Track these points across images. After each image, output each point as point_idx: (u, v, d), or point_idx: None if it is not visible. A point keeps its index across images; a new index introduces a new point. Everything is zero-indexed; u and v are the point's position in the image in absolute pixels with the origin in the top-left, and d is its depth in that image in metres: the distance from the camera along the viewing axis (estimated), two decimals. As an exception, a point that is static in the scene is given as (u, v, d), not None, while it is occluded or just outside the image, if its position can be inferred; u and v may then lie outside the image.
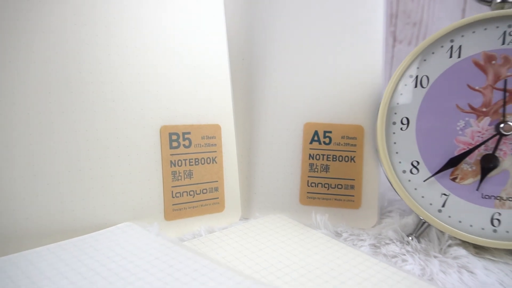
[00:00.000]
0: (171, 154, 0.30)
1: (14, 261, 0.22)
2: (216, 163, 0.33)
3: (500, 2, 0.29)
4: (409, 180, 0.29)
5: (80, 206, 0.27)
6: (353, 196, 0.34)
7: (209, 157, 0.32)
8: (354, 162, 0.34)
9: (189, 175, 0.31)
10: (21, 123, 0.25)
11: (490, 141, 0.27)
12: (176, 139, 0.31)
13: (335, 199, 0.34)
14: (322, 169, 0.34)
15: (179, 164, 0.31)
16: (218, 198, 0.33)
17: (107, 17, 0.28)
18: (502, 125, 0.27)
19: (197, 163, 0.32)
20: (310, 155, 0.34)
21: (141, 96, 0.29)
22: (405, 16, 0.63)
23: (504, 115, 0.27)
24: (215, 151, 0.33)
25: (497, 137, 0.27)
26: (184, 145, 0.31)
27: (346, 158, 0.34)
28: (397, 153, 0.30)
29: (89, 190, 0.27)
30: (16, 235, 0.25)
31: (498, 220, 0.27)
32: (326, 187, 0.34)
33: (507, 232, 0.27)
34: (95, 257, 0.23)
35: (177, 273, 0.21)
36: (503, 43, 0.27)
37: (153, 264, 0.22)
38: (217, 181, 0.33)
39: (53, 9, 0.26)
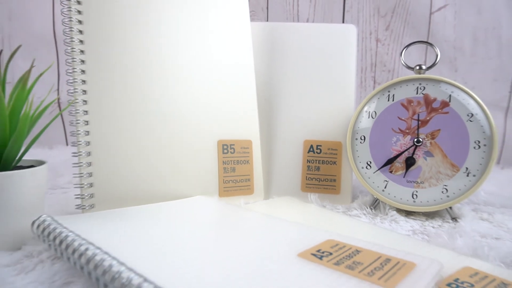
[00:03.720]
0: (223, 157, 0.49)
1: (131, 212, 0.40)
2: (249, 163, 0.52)
3: (418, 69, 0.48)
4: (366, 173, 0.48)
5: (172, 184, 0.46)
6: (335, 186, 0.52)
7: (244, 160, 0.51)
8: (336, 164, 0.53)
9: (233, 170, 0.50)
10: (141, 125, 0.44)
11: (410, 149, 0.46)
12: (226, 148, 0.50)
13: (324, 188, 0.52)
14: (315, 169, 0.53)
15: (228, 163, 0.50)
16: (249, 185, 0.51)
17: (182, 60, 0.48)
18: (416, 140, 0.45)
19: (237, 163, 0.51)
20: (307, 160, 0.53)
21: (209, 121, 0.49)
22: (381, 65, 0.83)
23: (418, 134, 0.46)
24: (248, 156, 0.52)
25: (414, 147, 0.46)
26: (230, 152, 0.50)
27: (331, 162, 0.53)
28: (358, 157, 0.48)
29: (177, 175, 0.46)
30: (132, 196, 0.43)
31: (416, 195, 0.45)
32: (318, 180, 0.53)
33: (421, 201, 0.45)
34: (184, 213, 0.41)
35: (240, 223, 0.40)
36: (417, 93, 0.46)
37: (221, 215, 0.41)
38: (249, 175, 0.52)
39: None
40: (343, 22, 0.81)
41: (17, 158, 0.36)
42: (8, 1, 0.98)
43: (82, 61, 0.42)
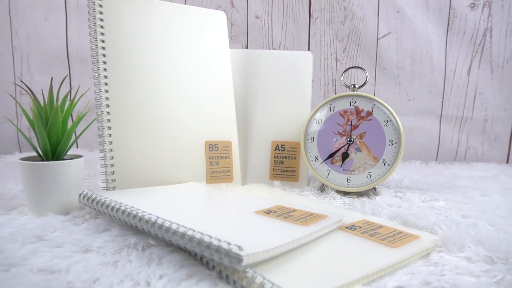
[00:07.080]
0: (209, 154, 0.64)
1: (143, 190, 0.55)
2: (229, 158, 0.66)
3: (352, 88, 0.63)
4: (314, 164, 0.63)
5: (172, 173, 0.60)
6: (295, 175, 0.67)
7: (226, 156, 0.66)
8: (295, 159, 0.68)
9: (217, 163, 0.65)
10: (148, 124, 0.59)
11: (345, 146, 0.61)
12: (212, 147, 0.65)
13: (286, 176, 0.67)
14: (280, 163, 0.68)
15: (213, 158, 0.65)
16: (230, 175, 0.66)
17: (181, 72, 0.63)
18: (349, 139, 0.61)
19: (221, 158, 0.65)
20: (274, 156, 0.68)
21: (199, 127, 0.63)
22: (340, 80, 0.99)
23: (351, 136, 0.61)
24: (229, 153, 0.67)
25: (348, 144, 0.61)
26: (215, 150, 0.65)
27: (292, 157, 0.68)
28: (309, 152, 0.64)
29: (175, 166, 0.61)
30: (142, 181, 0.58)
31: (350, 180, 0.61)
32: (282, 171, 0.68)
33: (353, 184, 0.60)
34: (179, 193, 0.56)
35: (219, 198, 0.54)
36: (350, 105, 0.62)
37: (208, 193, 0.55)
38: (229, 167, 0.66)
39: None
40: (308, 45, 0.97)
41: (64, 152, 0.50)
42: (26, 23, 1.12)
43: (106, 83, 0.57)
